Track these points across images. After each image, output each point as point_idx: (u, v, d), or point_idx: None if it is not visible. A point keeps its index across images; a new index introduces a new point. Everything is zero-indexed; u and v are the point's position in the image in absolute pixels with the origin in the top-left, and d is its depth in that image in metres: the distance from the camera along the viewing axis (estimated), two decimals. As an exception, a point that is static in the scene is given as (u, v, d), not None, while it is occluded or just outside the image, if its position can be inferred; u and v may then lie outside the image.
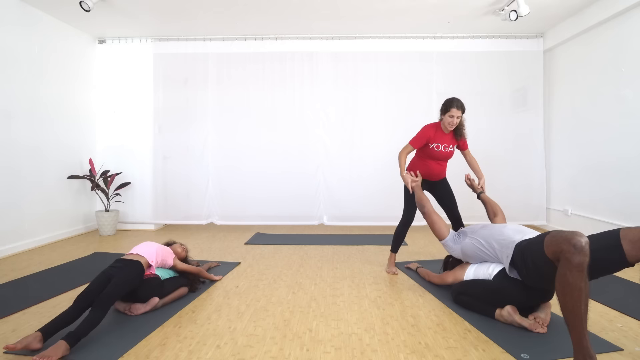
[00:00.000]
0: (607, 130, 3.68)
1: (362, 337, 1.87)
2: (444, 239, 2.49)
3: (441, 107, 2.74)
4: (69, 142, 4.31)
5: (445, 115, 2.69)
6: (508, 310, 1.95)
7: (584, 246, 1.44)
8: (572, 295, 1.42)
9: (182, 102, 4.73)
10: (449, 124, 2.69)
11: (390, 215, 4.64)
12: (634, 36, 3.37)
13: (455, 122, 2.67)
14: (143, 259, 2.20)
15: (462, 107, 2.65)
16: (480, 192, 2.76)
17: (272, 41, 4.69)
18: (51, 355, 1.58)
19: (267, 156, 4.73)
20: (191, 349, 1.76)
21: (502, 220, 2.56)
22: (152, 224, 4.79)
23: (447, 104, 2.67)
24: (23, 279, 2.79)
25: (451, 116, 2.65)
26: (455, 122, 2.67)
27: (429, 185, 2.97)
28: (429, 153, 2.80)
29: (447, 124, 2.71)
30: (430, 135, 2.75)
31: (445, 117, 2.69)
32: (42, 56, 3.91)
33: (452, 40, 4.66)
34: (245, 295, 2.46)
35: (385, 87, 4.69)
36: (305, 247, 3.81)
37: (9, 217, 3.53)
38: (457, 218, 2.91)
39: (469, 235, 2.31)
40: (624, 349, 1.74)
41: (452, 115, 2.64)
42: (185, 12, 4.01)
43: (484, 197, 2.73)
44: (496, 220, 2.55)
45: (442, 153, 2.79)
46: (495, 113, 4.69)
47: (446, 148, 2.78)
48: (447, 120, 2.69)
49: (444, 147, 2.77)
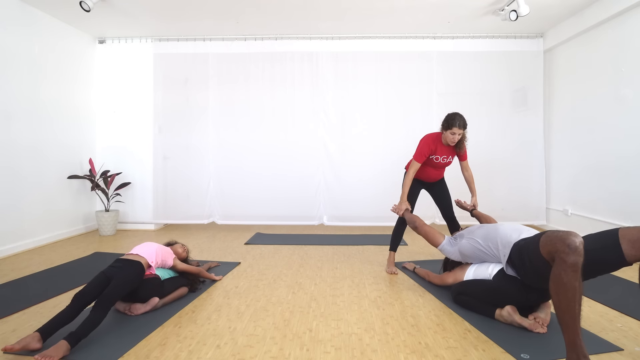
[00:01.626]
0: (607, 130, 3.68)
1: (362, 337, 1.87)
2: (439, 244, 2.51)
3: (443, 121, 2.74)
4: (69, 142, 4.31)
5: (446, 132, 2.71)
6: (508, 310, 1.95)
7: (578, 246, 1.45)
8: (566, 294, 1.43)
9: (182, 102, 4.73)
10: (450, 141, 2.72)
11: (390, 215, 4.62)
12: (634, 36, 3.37)
13: (456, 139, 2.70)
14: (143, 259, 2.20)
15: (464, 125, 2.68)
16: (472, 209, 2.84)
17: (272, 41, 4.69)
18: (53, 355, 1.58)
19: (267, 156, 4.72)
20: (191, 349, 1.76)
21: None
22: (152, 223, 4.80)
23: (450, 122, 2.68)
24: (23, 279, 2.79)
25: (452, 134, 2.68)
26: (456, 139, 2.70)
27: (426, 184, 3.00)
28: (427, 162, 2.86)
29: (449, 141, 2.73)
30: (431, 148, 2.78)
31: (446, 133, 2.71)
32: (42, 56, 3.91)
33: (452, 40, 4.66)
34: (245, 295, 2.46)
35: (385, 87, 4.69)
36: (305, 247, 3.81)
37: (9, 217, 3.53)
38: (452, 218, 2.95)
39: (465, 237, 2.31)
40: (624, 349, 1.74)
41: (453, 132, 2.67)
42: (185, 12, 4.01)
43: (477, 213, 2.79)
44: None
45: (441, 163, 2.85)
46: (495, 113, 4.69)
47: (445, 159, 2.84)
48: (448, 137, 2.71)
49: (443, 159, 2.83)
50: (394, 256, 3.04)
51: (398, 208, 2.84)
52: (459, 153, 2.87)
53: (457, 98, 4.64)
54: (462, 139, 2.76)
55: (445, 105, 4.61)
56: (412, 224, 2.67)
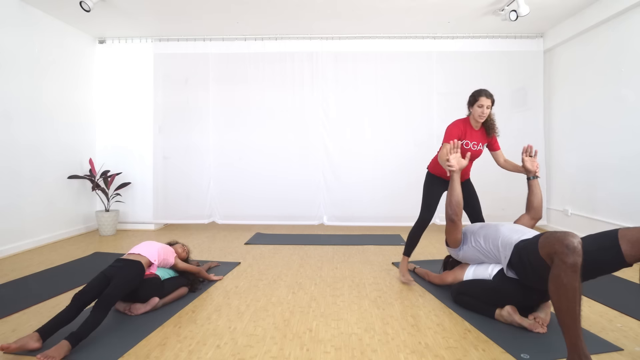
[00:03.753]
0: (607, 130, 3.68)
1: (362, 337, 1.87)
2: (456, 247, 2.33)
3: (469, 99, 2.52)
4: (69, 142, 4.31)
5: (474, 106, 2.47)
6: (508, 310, 1.95)
7: (576, 246, 1.44)
8: (567, 295, 1.42)
9: (182, 102, 4.74)
10: (479, 115, 2.45)
11: (391, 215, 4.67)
12: (634, 36, 3.37)
13: (485, 112, 2.44)
14: (144, 258, 2.21)
15: (491, 96, 2.44)
16: (534, 176, 2.40)
17: (272, 41, 4.69)
18: (55, 355, 1.58)
19: (267, 156, 4.73)
20: (191, 349, 1.76)
21: (534, 217, 2.36)
22: (152, 223, 4.80)
23: (475, 94, 2.46)
24: (23, 279, 2.79)
25: (480, 105, 2.43)
26: (485, 112, 2.44)
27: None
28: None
29: (477, 116, 2.47)
30: (460, 129, 2.50)
31: (474, 108, 2.47)
32: (42, 56, 3.91)
33: (452, 40, 4.66)
34: (245, 295, 2.46)
35: (385, 87, 4.69)
36: (305, 247, 3.81)
37: (9, 217, 3.53)
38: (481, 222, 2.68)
39: (468, 239, 2.28)
40: (624, 349, 1.74)
41: (481, 104, 2.42)
42: (186, 12, 4.01)
43: (534, 184, 2.40)
44: (528, 215, 2.38)
45: (472, 150, 2.52)
46: (496, 113, 4.65)
47: (475, 146, 2.53)
48: (476, 112, 2.46)
49: (474, 145, 2.52)
50: (407, 262, 2.77)
51: (456, 160, 2.23)
52: (490, 141, 2.60)
53: (457, 98, 4.60)
54: (489, 118, 2.52)
55: (446, 105, 4.64)
56: (454, 210, 2.18)
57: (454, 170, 2.23)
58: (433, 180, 2.71)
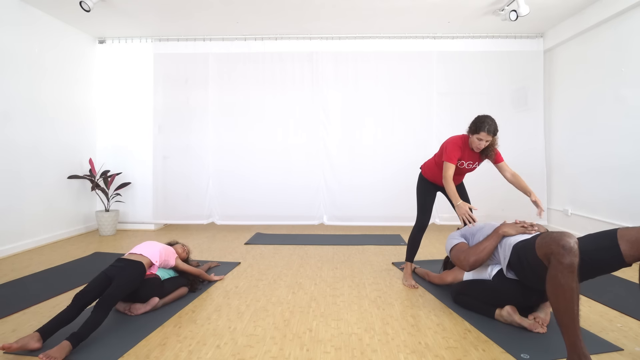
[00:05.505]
0: (607, 130, 3.68)
1: (362, 337, 1.87)
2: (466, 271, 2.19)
3: (471, 124, 2.45)
4: (69, 142, 4.31)
5: (472, 136, 2.42)
6: (508, 310, 1.95)
7: (572, 246, 1.45)
8: (564, 296, 1.43)
9: (182, 102, 4.73)
10: (475, 147, 2.44)
11: (391, 215, 4.67)
12: (634, 36, 3.37)
13: (482, 145, 2.40)
14: (145, 258, 2.21)
15: (494, 132, 2.36)
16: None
17: (272, 41, 4.69)
18: (56, 356, 1.58)
19: (267, 156, 4.72)
20: (191, 349, 1.76)
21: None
22: (152, 223, 4.80)
23: (478, 126, 2.36)
24: (23, 279, 2.79)
25: (479, 139, 2.38)
26: (482, 145, 2.40)
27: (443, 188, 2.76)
28: None
29: (474, 146, 2.45)
30: (460, 148, 2.50)
31: (472, 137, 2.43)
32: (42, 56, 3.91)
33: (452, 40, 4.66)
34: (245, 295, 2.46)
35: (386, 87, 4.69)
36: (305, 247, 3.81)
37: (9, 217, 3.53)
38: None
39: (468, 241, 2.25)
40: (624, 349, 1.74)
41: (480, 138, 2.37)
42: (186, 12, 4.01)
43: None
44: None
45: (465, 169, 2.59)
46: (496, 113, 4.57)
47: (470, 165, 2.57)
48: (474, 142, 2.43)
49: (468, 165, 2.56)
50: (411, 267, 2.76)
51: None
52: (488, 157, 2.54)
53: (457, 98, 4.65)
54: (490, 145, 2.43)
55: (446, 105, 4.64)
56: (477, 257, 2.03)
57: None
58: (427, 185, 2.75)
